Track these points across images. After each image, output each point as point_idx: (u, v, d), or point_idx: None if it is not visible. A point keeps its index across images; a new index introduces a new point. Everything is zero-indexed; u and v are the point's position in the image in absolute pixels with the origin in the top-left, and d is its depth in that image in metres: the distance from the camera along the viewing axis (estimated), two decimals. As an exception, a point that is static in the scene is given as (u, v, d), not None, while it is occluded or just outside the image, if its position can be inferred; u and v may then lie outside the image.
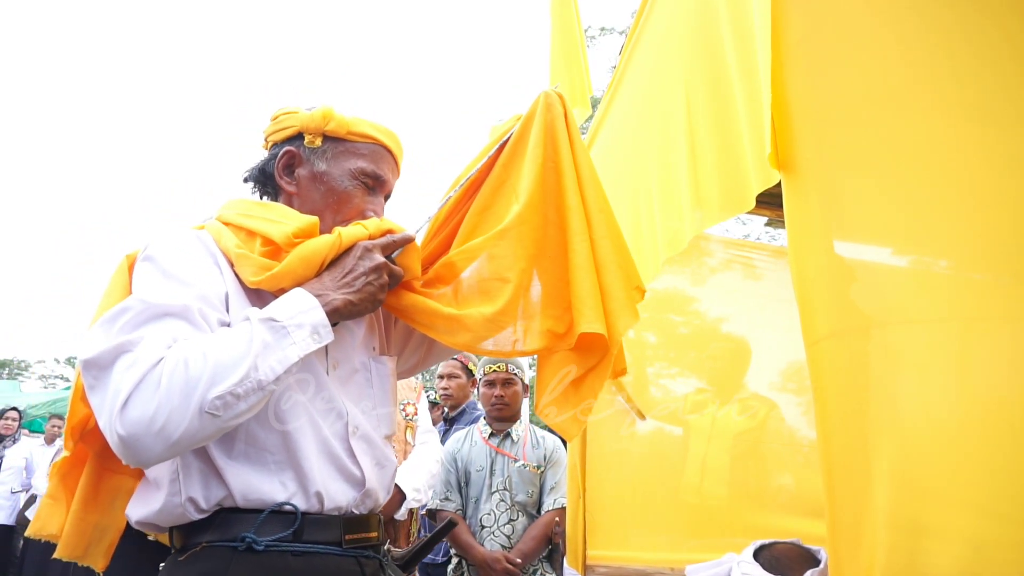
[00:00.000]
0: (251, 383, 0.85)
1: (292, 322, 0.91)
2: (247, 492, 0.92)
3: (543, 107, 1.24)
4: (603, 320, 1.11)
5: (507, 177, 1.24)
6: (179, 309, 0.89)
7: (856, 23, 0.94)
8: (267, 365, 0.87)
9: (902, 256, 0.89)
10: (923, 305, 0.84)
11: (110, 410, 0.82)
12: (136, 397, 0.81)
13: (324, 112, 1.11)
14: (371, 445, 1.06)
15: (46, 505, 1.04)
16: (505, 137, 1.26)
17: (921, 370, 0.82)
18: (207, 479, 0.92)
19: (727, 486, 2.55)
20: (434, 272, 1.17)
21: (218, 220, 1.06)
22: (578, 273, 1.14)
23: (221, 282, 0.97)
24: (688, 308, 3.05)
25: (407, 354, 1.30)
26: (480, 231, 1.20)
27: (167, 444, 0.82)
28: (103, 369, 0.85)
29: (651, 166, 1.47)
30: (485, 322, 1.09)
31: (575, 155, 1.22)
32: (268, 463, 0.94)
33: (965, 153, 0.84)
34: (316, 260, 1.00)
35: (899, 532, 0.80)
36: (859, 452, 0.87)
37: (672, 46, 1.40)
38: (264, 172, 1.14)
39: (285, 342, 0.90)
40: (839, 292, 0.91)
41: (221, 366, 0.84)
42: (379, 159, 1.15)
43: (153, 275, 0.93)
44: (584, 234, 1.16)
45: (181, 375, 0.83)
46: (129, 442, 0.81)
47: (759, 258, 3.05)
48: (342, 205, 1.11)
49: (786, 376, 2.94)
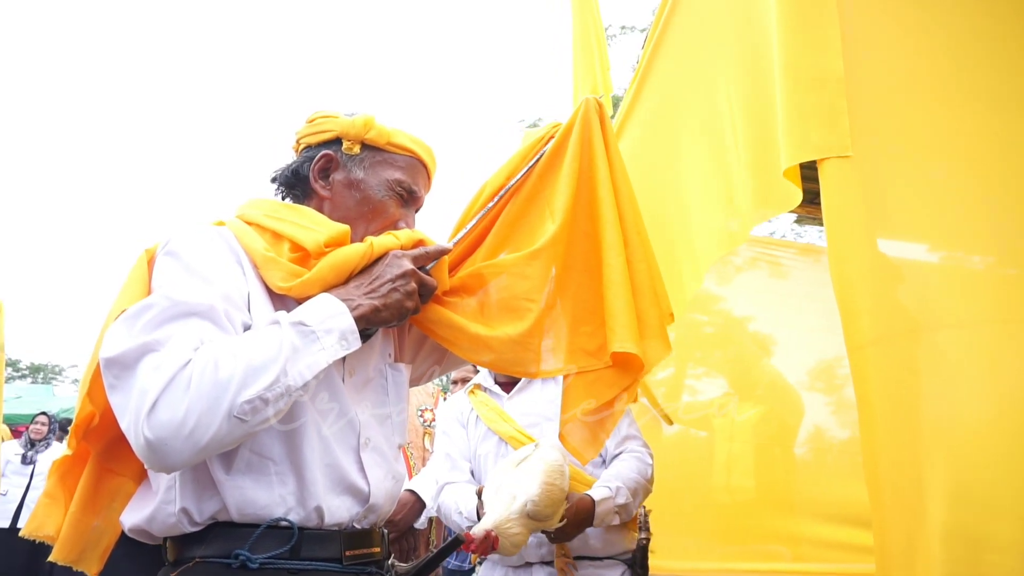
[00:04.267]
0: (280, 388, 0.83)
1: (321, 327, 0.89)
2: (243, 506, 0.89)
3: (582, 118, 1.23)
4: (637, 340, 1.09)
5: (542, 188, 1.22)
6: (205, 309, 0.87)
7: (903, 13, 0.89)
8: (296, 370, 0.85)
9: (953, 254, 0.84)
10: (977, 307, 0.79)
11: (136, 412, 0.79)
12: (164, 399, 0.79)
13: (366, 120, 1.10)
14: (382, 457, 1.04)
15: (43, 504, 1.01)
16: (544, 148, 1.24)
17: (976, 376, 0.78)
18: (202, 490, 0.89)
19: (755, 490, 2.50)
20: (459, 280, 1.14)
21: (240, 219, 1.04)
22: (612, 289, 1.12)
23: (243, 282, 0.95)
24: (713, 307, 3.00)
25: (419, 361, 1.26)
26: (510, 242, 1.19)
27: (195, 448, 0.79)
28: (126, 368, 0.82)
29: (690, 167, 1.43)
30: (510, 343, 1.07)
31: (612, 169, 1.20)
32: (270, 473, 0.91)
33: (1020, 149, 0.80)
34: (346, 269, 0.98)
35: (957, 545, 0.76)
36: (909, 463, 0.83)
37: (707, 43, 1.36)
38: (297, 174, 1.11)
39: (314, 347, 0.88)
40: (884, 294, 0.87)
41: (251, 369, 0.82)
42: (415, 172, 1.13)
43: (176, 271, 0.91)
44: (619, 249, 1.14)
45: (211, 377, 0.80)
46: (156, 446, 0.78)
47: (785, 256, 2.99)
48: (376, 215, 1.09)
49: (814, 375, 2.88)
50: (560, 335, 1.13)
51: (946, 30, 0.87)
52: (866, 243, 0.91)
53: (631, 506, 1.67)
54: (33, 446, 5.74)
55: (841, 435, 2.68)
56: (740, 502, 2.43)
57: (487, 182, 1.24)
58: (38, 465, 5.68)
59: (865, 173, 0.92)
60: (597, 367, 1.13)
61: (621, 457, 1.76)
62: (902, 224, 0.90)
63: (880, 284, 0.88)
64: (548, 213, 1.18)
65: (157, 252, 0.96)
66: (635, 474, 1.71)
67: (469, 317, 1.09)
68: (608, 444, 1.77)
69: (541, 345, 1.11)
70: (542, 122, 10.55)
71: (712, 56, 1.32)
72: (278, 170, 1.15)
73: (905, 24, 0.88)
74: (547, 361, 1.11)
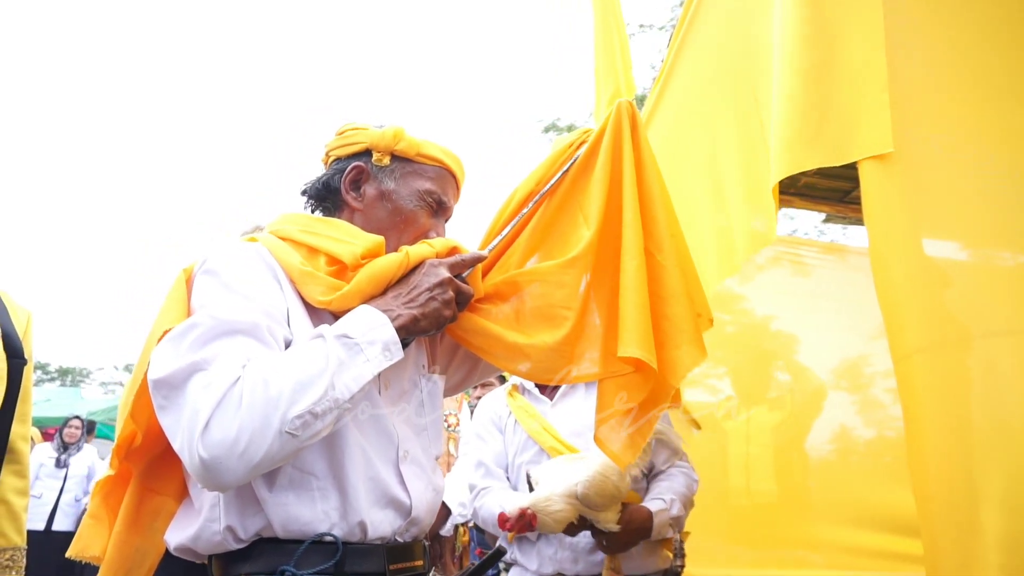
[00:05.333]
0: (329, 401, 0.83)
1: (365, 339, 0.89)
2: (287, 522, 0.89)
3: (614, 121, 1.21)
4: (644, 345, 1.08)
5: (574, 193, 1.21)
6: (248, 326, 0.87)
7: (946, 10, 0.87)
8: (343, 383, 0.85)
9: (1004, 257, 0.81)
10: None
11: (189, 432, 0.79)
12: (217, 418, 0.79)
13: (396, 131, 1.10)
14: (421, 470, 1.03)
15: (88, 526, 1.01)
16: (577, 153, 1.23)
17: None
18: (246, 508, 0.90)
19: (780, 493, 2.46)
20: (493, 287, 1.13)
21: (273, 234, 1.04)
22: (623, 294, 1.11)
23: (282, 298, 0.95)
24: (735, 306, 2.96)
25: (451, 370, 1.26)
26: (542, 248, 1.18)
27: (249, 466, 0.79)
28: (175, 388, 0.82)
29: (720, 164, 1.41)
30: (548, 351, 1.07)
31: (643, 172, 1.19)
32: (312, 489, 0.91)
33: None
34: (384, 279, 0.98)
35: (1016, 555, 0.74)
36: (961, 473, 0.80)
37: (734, 42, 1.34)
38: (328, 186, 1.11)
39: (359, 359, 0.88)
40: (932, 300, 0.84)
41: (300, 384, 0.82)
42: (445, 182, 1.13)
43: (217, 289, 0.91)
44: (635, 252, 1.13)
45: (261, 394, 0.80)
46: (211, 465, 0.78)
47: (808, 254, 2.95)
48: (408, 225, 1.09)
49: (838, 374, 2.84)
50: (594, 341, 1.12)
51: (991, 24, 0.84)
52: (911, 246, 0.88)
53: (682, 520, 1.65)
54: (66, 449, 5.84)
55: (867, 432, 2.64)
56: (766, 505, 2.40)
57: (517, 188, 1.23)
58: (71, 468, 5.79)
59: (908, 172, 0.89)
60: (628, 371, 1.12)
61: (670, 472, 1.73)
62: (949, 226, 0.87)
63: (927, 290, 0.86)
64: (582, 218, 1.17)
65: (195, 272, 0.96)
66: (685, 488, 1.68)
67: (504, 325, 1.08)
68: (655, 460, 1.74)
69: (575, 352, 1.11)
70: (560, 122, 10.50)
71: (740, 55, 1.29)
72: (308, 183, 1.15)
73: (947, 20, 0.86)
74: (581, 367, 1.10)
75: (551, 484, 1.48)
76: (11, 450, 1.62)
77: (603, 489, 1.48)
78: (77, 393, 12.26)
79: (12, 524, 1.61)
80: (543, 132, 10.65)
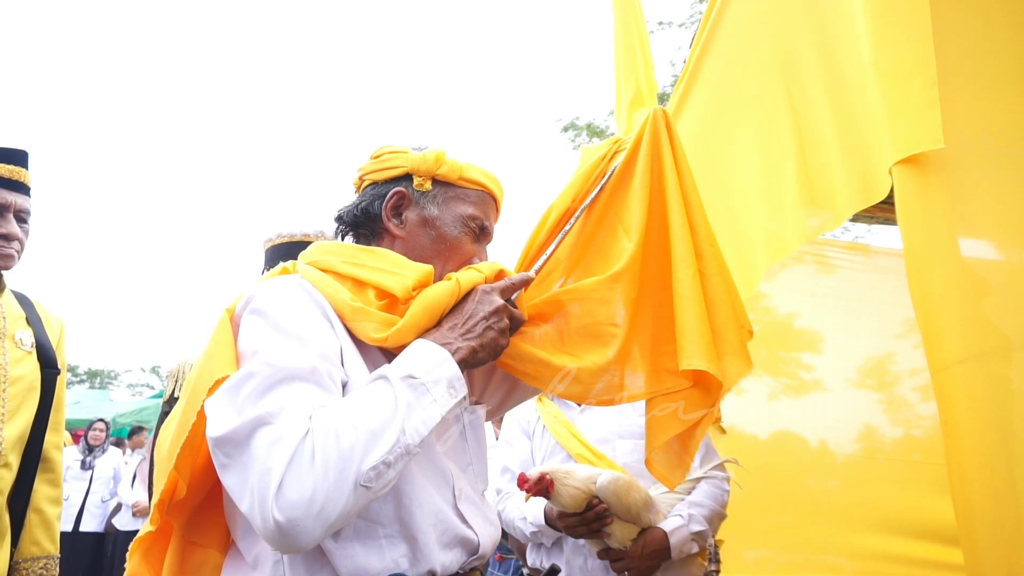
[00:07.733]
0: (400, 448, 0.80)
1: (430, 378, 0.86)
2: (356, 573, 0.85)
3: (650, 130, 1.18)
4: (709, 357, 1.04)
5: (612, 205, 1.17)
6: (306, 372, 0.83)
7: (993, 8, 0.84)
8: (412, 427, 0.81)
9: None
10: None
11: (261, 493, 0.74)
12: (290, 477, 0.74)
13: (437, 155, 1.06)
14: (476, 506, 1.00)
15: None
16: (613, 165, 1.20)
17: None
18: (312, 563, 0.85)
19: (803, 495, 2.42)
20: (534, 308, 1.09)
21: (313, 266, 0.99)
22: (681, 304, 1.07)
23: (334, 337, 0.90)
24: (758, 304, 2.93)
25: (488, 396, 1.21)
26: (583, 263, 1.15)
27: (326, 526, 0.75)
28: (239, 445, 0.77)
29: (746, 167, 1.38)
30: (598, 372, 1.03)
31: (681, 180, 1.16)
32: (379, 537, 0.87)
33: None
34: (438, 311, 0.94)
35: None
36: (1004, 488, 0.78)
37: (762, 40, 1.31)
38: (367, 213, 1.06)
39: (426, 400, 0.84)
40: (972, 309, 0.81)
41: (372, 434, 0.78)
42: (487, 206, 1.09)
43: (268, 332, 0.86)
44: (689, 262, 1.09)
45: (334, 448, 0.76)
46: (287, 528, 0.73)
47: (832, 252, 2.91)
48: (452, 252, 1.05)
49: (864, 373, 2.79)
50: (643, 357, 1.08)
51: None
52: (949, 252, 0.85)
53: (707, 533, 1.61)
54: (91, 452, 6.00)
55: (893, 432, 2.59)
56: (794, 508, 2.36)
57: (552, 204, 1.20)
58: (96, 470, 5.94)
59: (946, 175, 0.86)
60: (681, 387, 1.08)
61: (699, 486, 1.70)
62: (989, 230, 0.84)
63: (966, 298, 0.83)
64: (622, 231, 1.14)
65: (239, 311, 0.92)
66: (709, 500, 1.65)
67: (549, 348, 1.05)
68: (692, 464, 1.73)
69: (625, 370, 1.06)
70: (580, 121, 10.41)
71: (769, 53, 1.26)
72: (343, 209, 1.10)
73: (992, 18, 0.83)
74: (631, 387, 1.06)
75: (576, 468, 1.47)
76: (45, 459, 1.65)
77: (619, 487, 1.47)
78: (106, 396, 12.48)
79: (46, 533, 1.64)
80: (562, 131, 10.55)
